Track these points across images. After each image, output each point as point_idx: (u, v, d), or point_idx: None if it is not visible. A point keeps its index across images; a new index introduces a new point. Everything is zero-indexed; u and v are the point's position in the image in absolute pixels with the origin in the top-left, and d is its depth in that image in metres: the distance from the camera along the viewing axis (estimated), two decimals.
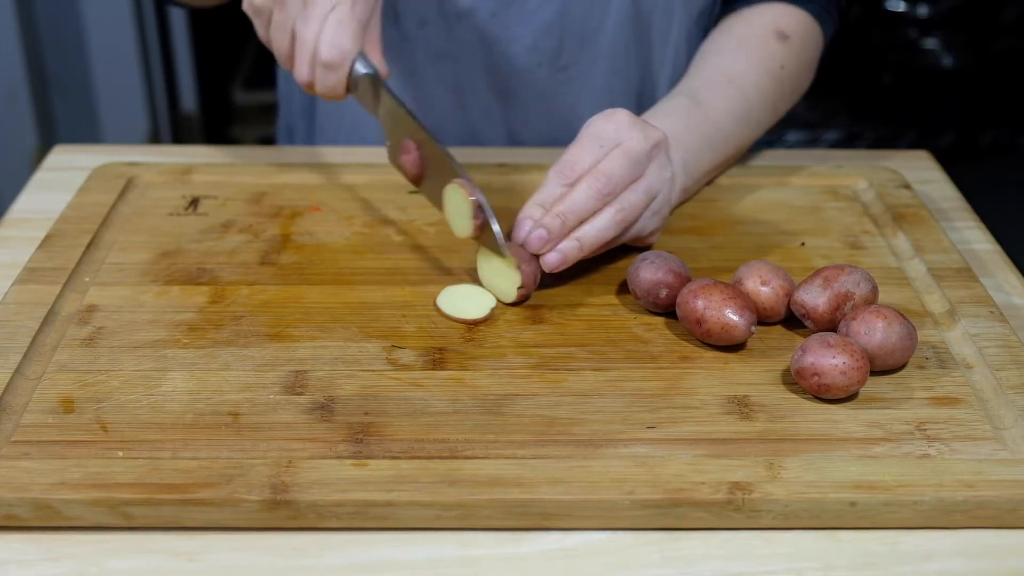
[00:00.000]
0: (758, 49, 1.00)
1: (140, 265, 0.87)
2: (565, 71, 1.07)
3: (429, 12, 1.05)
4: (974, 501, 0.65)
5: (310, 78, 0.86)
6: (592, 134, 0.83)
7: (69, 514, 0.64)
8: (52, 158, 1.09)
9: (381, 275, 0.86)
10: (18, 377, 0.73)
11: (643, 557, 0.63)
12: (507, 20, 1.04)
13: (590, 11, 1.05)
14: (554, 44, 1.06)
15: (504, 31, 1.05)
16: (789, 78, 1.01)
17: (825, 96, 2.75)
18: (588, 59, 1.07)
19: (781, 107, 1.02)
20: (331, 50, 0.84)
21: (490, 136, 1.12)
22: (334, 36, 0.84)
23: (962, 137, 2.71)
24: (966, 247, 0.95)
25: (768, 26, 1.01)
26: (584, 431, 0.70)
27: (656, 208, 0.85)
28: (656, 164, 0.84)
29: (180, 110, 2.49)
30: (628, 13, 1.05)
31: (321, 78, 0.86)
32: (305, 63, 0.86)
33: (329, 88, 0.86)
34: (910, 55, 2.71)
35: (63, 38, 2.26)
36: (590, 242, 0.81)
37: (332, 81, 0.85)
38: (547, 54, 1.06)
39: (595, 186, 0.81)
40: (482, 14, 1.04)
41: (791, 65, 1.01)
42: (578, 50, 1.06)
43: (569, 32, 1.05)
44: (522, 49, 1.06)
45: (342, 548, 0.64)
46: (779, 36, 1.00)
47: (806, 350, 0.73)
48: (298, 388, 0.73)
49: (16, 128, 2.21)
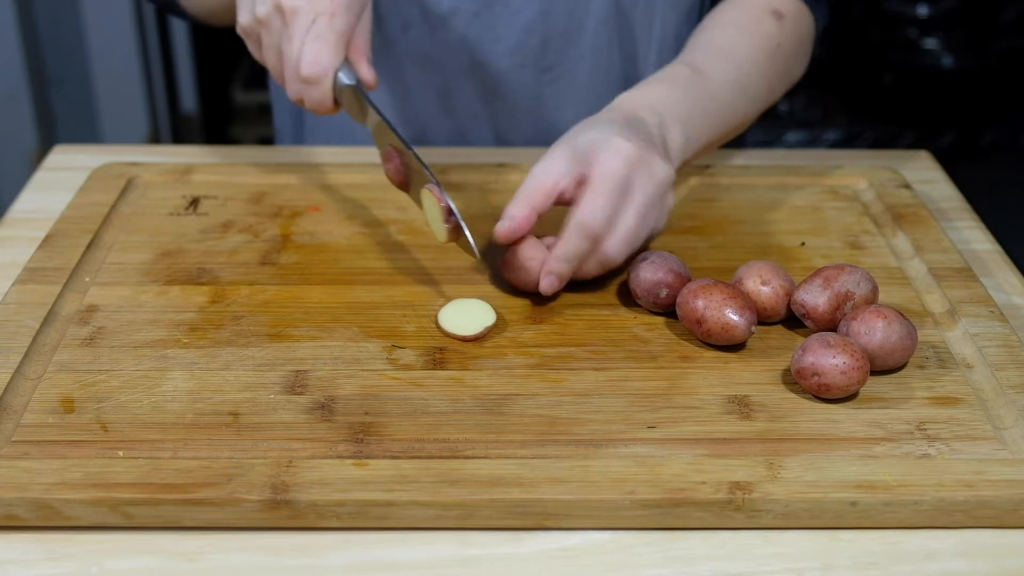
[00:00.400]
0: (754, 26, 1.00)
1: (140, 265, 0.87)
2: (549, 71, 1.07)
3: (412, 16, 1.05)
4: (974, 501, 0.65)
5: (298, 95, 0.87)
6: (605, 179, 0.81)
7: (69, 514, 0.64)
8: (52, 158, 1.09)
9: (381, 275, 0.86)
10: (18, 377, 0.73)
11: (643, 557, 0.63)
12: (490, 22, 1.05)
13: (572, 11, 1.05)
14: (537, 44, 1.06)
15: (487, 33, 1.05)
16: (783, 57, 1.01)
17: (825, 96, 2.75)
18: (572, 58, 1.07)
19: (776, 85, 1.01)
20: (311, 66, 0.84)
21: (478, 137, 1.12)
22: (313, 51, 0.84)
23: (962, 137, 2.71)
24: (966, 247, 0.95)
25: (763, 6, 1.01)
26: (584, 431, 0.70)
27: (652, 234, 0.85)
28: (663, 206, 0.84)
29: (180, 110, 2.49)
30: (610, 11, 1.05)
31: (306, 94, 0.86)
32: (291, 80, 0.87)
33: (316, 103, 0.87)
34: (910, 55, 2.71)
35: (63, 38, 2.26)
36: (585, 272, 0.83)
37: (317, 96, 0.86)
38: (530, 55, 1.06)
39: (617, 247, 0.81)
40: (464, 16, 1.04)
41: (786, 43, 1.01)
42: (561, 50, 1.06)
43: (552, 32, 1.05)
44: (505, 50, 1.06)
45: (342, 548, 0.64)
46: (775, 15, 1.00)
47: (806, 350, 0.73)
48: (298, 388, 0.73)
49: (16, 128, 2.21)
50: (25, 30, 2.16)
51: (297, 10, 0.85)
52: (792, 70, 1.04)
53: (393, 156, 0.86)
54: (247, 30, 0.89)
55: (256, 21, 0.87)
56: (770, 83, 1.00)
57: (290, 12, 0.85)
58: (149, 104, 2.37)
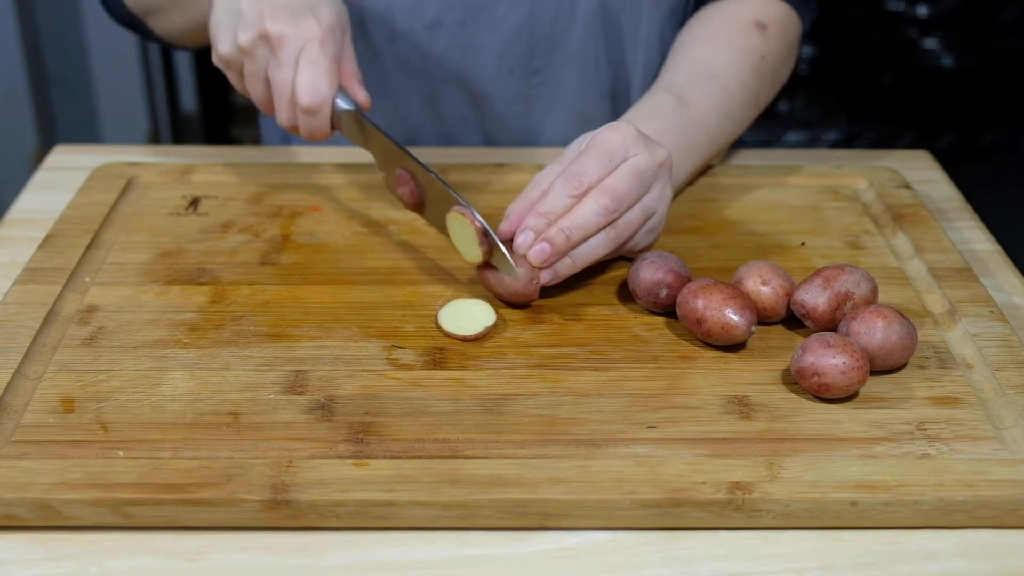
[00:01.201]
0: (738, 41, 0.99)
1: (140, 265, 0.87)
2: (537, 75, 1.07)
3: (397, 25, 1.04)
4: (974, 501, 0.65)
5: (292, 122, 0.86)
6: (599, 145, 0.81)
7: (69, 514, 0.64)
8: (52, 158, 1.09)
9: (381, 275, 0.86)
10: (19, 377, 0.73)
11: (643, 557, 0.63)
12: (475, 28, 1.04)
13: (557, 15, 1.04)
14: (524, 49, 1.05)
15: (473, 39, 1.05)
16: (770, 70, 1.01)
17: (825, 96, 2.75)
18: (559, 63, 1.07)
19: (763, 99, 1.01)
20: (310, 95, 0.83)
21: (467, 143, 1.12)
22: (309, 79, 0.83)
23: (962, 137, 2.71)
24: (966, 247, 0.95)
25: (746, 17, 1.00)
26: (584, 431, 0.70)
27: (651, 226, 0.84)
28: (659, 183, 0.83)
29: (180, 110, 2.49)
30: (596, 14, 1.05)
31: (303, 122, 0.86)
32: (284, 109, 0.86)
33: (314, 130, 0.86)
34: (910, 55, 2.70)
35: (63, 38, 2.26)
36: (582, 260, 0.81)
37: (315, 125, 0.85)
38: (517, 60, 1.06)
39: (602, 202, 0.79)
40: (449, 25, 1.04)
41: (771, 56, 1.00)
42: (548, 54, 1.06)
43: (538, 37, 1.05)
44: (492, 56, 1.05)
45: (342, 548, 0.64)
46: (758, 27, 0.99)
47: (806, 350, 0.73)
48: (298, 388, 0.73)
49: (16, 128, 2.21)
50: (25, 30, 2.16)
51: (284, 36, 0.83)
52: (778, 79, 1.04)
53: (407, 180, 0.85)
54: (227, 60, 0.87)
55: (239, 50, 0.86)
56: (756, 98, 1.00)
57: (277, 39, 0.83)
58: (149, 104, 2.37)
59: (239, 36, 0.85)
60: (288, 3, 0.85)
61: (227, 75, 0.90)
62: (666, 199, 0.84)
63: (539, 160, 1.06)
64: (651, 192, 0.82)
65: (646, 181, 0.81)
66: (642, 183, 0.81)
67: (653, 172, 0.82)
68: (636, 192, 0.80)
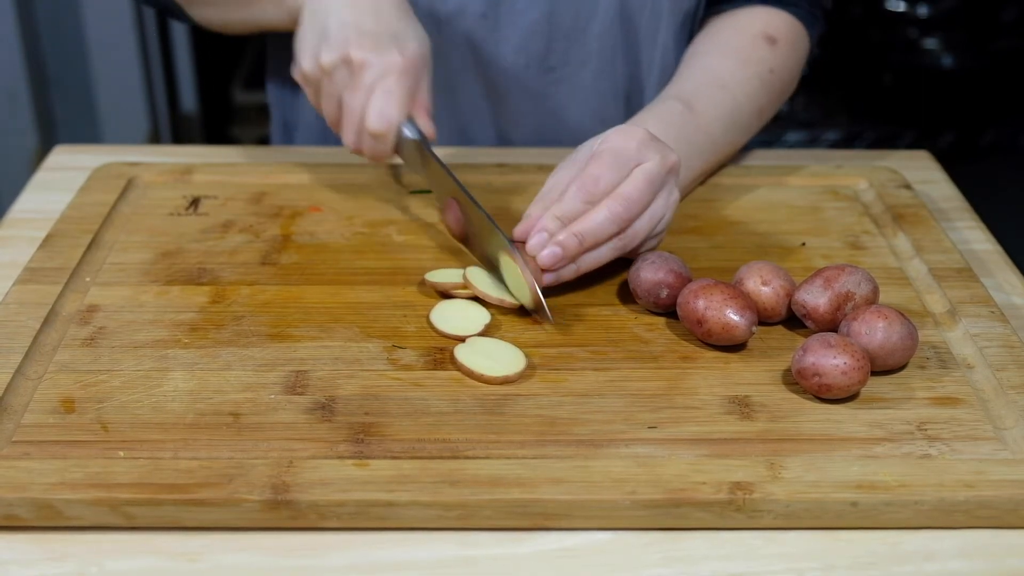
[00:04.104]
0: (748, 53, 1.00)
1: (141, 265, 0.87)
2: (553, 72, 1.07)
3: (418, 14, 1.05)
4: (975, 501, 0.65)
5: (357, 145, 0.90)
6: (612, 150, 0.82)
7: (70, 514, 0.64)
8: (52, 158, 1.09)
9: (381, 275, 0.86)
10: (19, 377, 0.73)
11: (644, 557, 0.63)
12: (496, 21, 1.05)
13: (577, 12, 1.05)
14: (542, 45, 1.06)
15: (492, 32, 1.05)
16: (778, 83, 1.02)
17: (825, 96, 2.75)
18: (576, 60, 1.07)
19: (767, 112, 1.03)
20: (379, 121, 0.87)
21: (480, 135, 1.12)
22: (382, 106, 0.87)
23: (962, 137, 2.71)
24: (966, 247, 0.95)
25: (757, 30, 1.02)
26: (585, 431, 0.70)
27: (657, 231, 0.85)
28: (666, 189, 0.84)
29: (180, 110, 2.48)
30: (615, 14, 1.05)
31: (368, 145, 0.89)
32: (351, 131, 0.89)
33: (376, 154, 0.89)
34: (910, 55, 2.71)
35: (63, 38, 2.26)
36: (586, 266, 0.82)
37: (380, 149, 0.89)
38: (535, 55, 1.06)
39: (615, 210, 0.80)
40: (470, 17, 1.04)
41: (780, 69, 1.02)
42: (566, 51, 1.07)
43: (557, 33, 1.05)
44: (510, 50, 1.06)
45: (343, 548, 0.64)
46: (768, 40, 1.01)
47: (807, 350, 0.73)
48: (299, 388, 0.73)
49: (16, 128, 2.21)
50: (25, 30, 2.16)
51: (366, 63, 0.86)
52: (784, 93, 1.05)
53: (453, 208, 0.87)
54: (307, 76, 0.90)
55: (320, 69, 0.88)
56: (762, 110, 1.01)
57: (359, 65, 0.86)
58: (149, 104, 2.37)
59: (322, 56, 0.88)
60: (375, 33, 0.87)
61: (304, 89, 0.92)
62: (672, 204, 0.85)
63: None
64: (658, 199, 0.83)
65: (656, 187, 0.82)
66: (652, 189, 0.82)
67: (663, 178, 0.83)
68: (648, 198, 0.82)
